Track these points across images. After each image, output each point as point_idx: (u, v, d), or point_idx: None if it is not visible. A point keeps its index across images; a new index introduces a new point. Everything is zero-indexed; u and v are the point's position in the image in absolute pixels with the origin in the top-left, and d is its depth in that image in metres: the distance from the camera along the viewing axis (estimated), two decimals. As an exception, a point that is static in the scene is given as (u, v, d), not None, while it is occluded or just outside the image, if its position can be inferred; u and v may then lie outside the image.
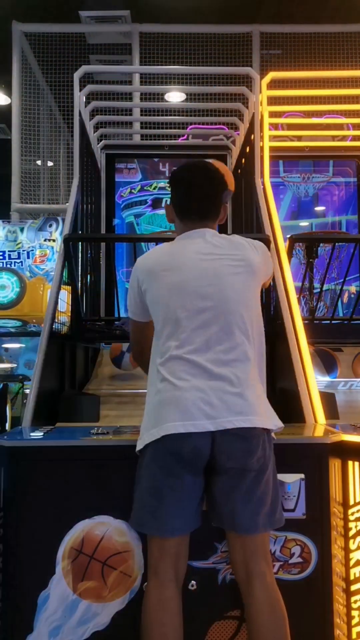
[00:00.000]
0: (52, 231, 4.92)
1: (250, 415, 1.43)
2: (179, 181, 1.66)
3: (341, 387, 2.78)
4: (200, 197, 1.63)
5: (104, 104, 4.02)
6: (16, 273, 4.81)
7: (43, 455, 1.62)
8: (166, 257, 1.60)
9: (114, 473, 1.60)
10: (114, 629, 1.57)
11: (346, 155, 4.66)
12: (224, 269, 1.54)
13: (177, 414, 1.42)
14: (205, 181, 1.64)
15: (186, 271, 1.54)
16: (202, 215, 1.64)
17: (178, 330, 1.50)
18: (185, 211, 1.64)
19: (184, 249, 1.59)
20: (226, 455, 1.43)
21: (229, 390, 1.44)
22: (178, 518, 1.44)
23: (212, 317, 1.49)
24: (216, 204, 1.65)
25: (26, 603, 1.57)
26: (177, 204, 1.66)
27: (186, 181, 1.65)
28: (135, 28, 5.90)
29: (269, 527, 1.48)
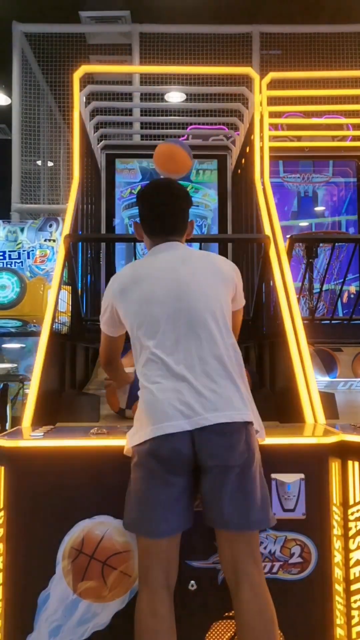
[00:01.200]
0: (52, 231, 4.93)
1: (226, 410, 1.44)
2: (145, 200, 1.71)
3: (341, 387, 2.78)
4: (165, 215, 1.68)
5: (104, 104, 4.03)
6: (16, 273, 4.82)
7: (43, 455, 1.62)
8: (137, 270, 1.67)
9: (114, 473, 1.60)
10: (114, 629, 1.57)
11: (346, 155, 4.66)
12: (191, 276, 1.58)
13: (155, 417, 1.45)
14: (170, 199, 1.68)
15: (154, 279, 1.59)
16: (169, 231, 1.68)
17: (150, 337, 1.53)
18: (153, 228, 1.70)
19: (154, 261, 1.65)
20: (207, 453, 1.43)
21: (203, 389, 1.45)
22: (165, 520, 1.44)
23: (181, 321, 1.52)
24: (182, 221, 1.70)
25: (26, 603, 1.57)
26: (145, 222, 1.71)
27: (151, 199, 1.71)
28: (135, 28, 5.90)
29: (260, 524, 1.47)
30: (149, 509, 1.44)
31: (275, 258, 2.60)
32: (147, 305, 1.57)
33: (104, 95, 4.72)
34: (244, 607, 1.42)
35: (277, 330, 2.44)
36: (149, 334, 1.54)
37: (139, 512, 1.46)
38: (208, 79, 4.47)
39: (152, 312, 1.55)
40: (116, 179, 4.29)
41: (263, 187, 3.05)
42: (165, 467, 1.43)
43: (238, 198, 3.89)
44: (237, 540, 1.45)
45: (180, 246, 1.68)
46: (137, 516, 1.46)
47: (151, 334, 1.54)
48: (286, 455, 1.60)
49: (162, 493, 1.44)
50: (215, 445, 1.42)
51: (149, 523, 1.44)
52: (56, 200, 6.01)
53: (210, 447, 1.42)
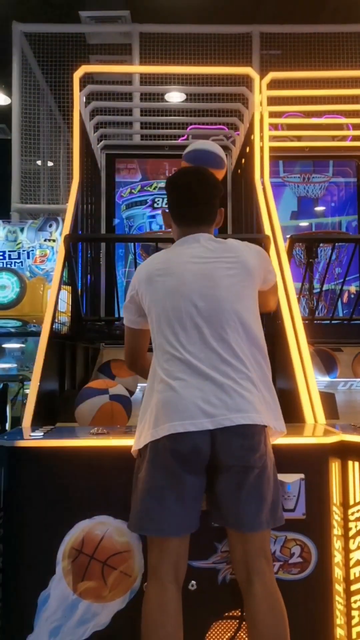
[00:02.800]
0: (52, 231, 4.92)
1: (249, 412, 1.43)
2: (174, 187, 1.68)
3: (341, 387, 2.78)
4: (195, 203, 1.65)
5: (104, 104, 4.03)
6: (16, 273, 4.81)
7: (43, 455, 1.62)
8: (162, 263, 1.63)
9: (114, 473, 1.60)
10: (114, 629, 1.57)
11: (346, 155, 4.66)
12: (217, 271, 1.56)
13: (176, 414, 1.43)
14: (200, 187, 1.65)
15: (180, 275, 1.56)
16: (198, 220, 1.65)
17: (174, 332, 1.51)
18: (181, 217, 1.67)
19: (180, 254, 1.61)
20: (228, 453, 1.42)
21: (227, 389, 1.44)
22: (180, 518, 1.44)
23: (207, 318, 1.51)
24: (212, 209, 1.67)
25: (26, 603, 1.57)
26: (173, 210, 1.68)
27: (181, 187, 1.67)
28: (135, 28, 5.90)
29: (271, 524, 1.48)
30: (162, 506, 1.43)
31: (275, 258, 2.60)
32: (172, 299, 1.54)
33: (104, 95, 4.71)
34: (256, 604, 1.43)
35: (277, 331, 2.44)
36: (172, 329, 1.52)
37: (150, 510, 1.44)
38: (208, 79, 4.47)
39: (177, 306, 1.53)
40: (116, 179, 4.29)
41: (263, 187, 3.05)
42: (182, 465, 1.42)
43: (238, 198, 3.89)
44: (250, 540, 1.46)
45: (206, 238, 1.63)
46: (147, 515, 1.44)
47: (175, 329, 1.51)
48: (286, 455, 1.60)
49: (177, 490, 1.43)
50: (237, 446, 1.42)
51: (162, 521, 1.43)
52: (56, 200, 6.01)
53: (231, 447, 1.42)
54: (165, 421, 1.43)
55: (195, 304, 1.52)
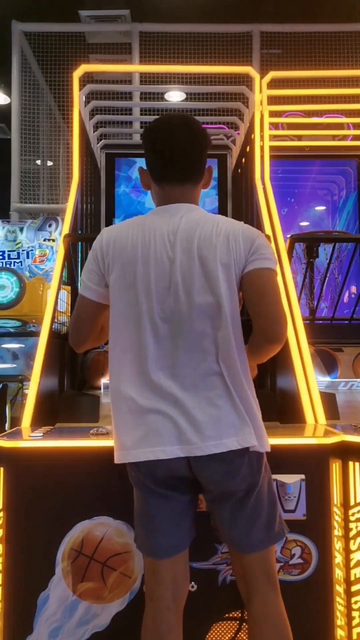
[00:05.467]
0: (52, 231, 4.92)
1: (224, 437, 1.27)
2: (153, 136, 1.38)
3: (341, 387, 2.77)
4: (179, 153, 1.36)
5: (104, 103, 4.02)
6: (16, 273, 4.81)
7: (42, 456, 1.62)
8: (137, 238, 1.36)
9: (114, 473, 1.60)
10: (114, 630, 1.57)
11: (346, 155, 4.65)
12: (194, 267, 1.32)
13: (144, 436, 1.30)
14: (186, 136, 1.36)
15: (152, 266, 1.33)
16: (182, 177, 1.38)
17: (134, 328, 1.33)
18: (162, 173, 1.38)
19: (155, 232, 1.35)
20: (205, 479, 1.32)
21: (197, 412, 1.29)
22: (169, 538, 1.35)
23: (175, 316, 1.31)
24: (198, 163, 1.39)
25: (26, 604, 1.57)
26: (153, 165, 1.40)
27: (162, 135, 1.37)
28: (135, 27, 5.89)
29: (267, 543, 1.36)
30: (151, 527, 1.35)
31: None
32: (133, 288, 1.33)
33: (103, 95, 4.71)
34: (255, 624, 1.35)
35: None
36: (133, 326, 1.33)
37: (142, 532, 1.37)
38: (208, 78, 4.47)
39: (138, 298, 1.32)
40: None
41: (263, 186, 3.04)
42: (163, 487, 1.32)
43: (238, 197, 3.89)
44: (248, 559, 1.36)
45: (190, 210, 1.38)
46: (140, 536, 1.38)
47: (136, 326, 1.32)
48: (287, 455, 1.60)
49: (163, 509, 1.34)
50: (214, 472, 1.30)
51: (152, 542, 1.35)
52: (55, 199, 6.00)
53: (208, 474, 1.31)
54: (135, 441, 1.31)
55: (161, 299, 1.33)
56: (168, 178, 1.39)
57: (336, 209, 5.18)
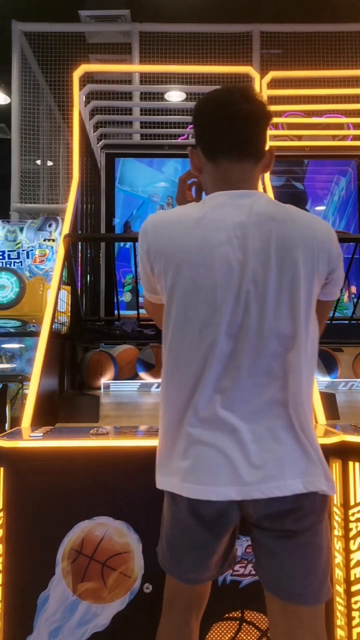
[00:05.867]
0: (52, 231, 4.92)
1: (288, 478, 1.11)
2: (211, 105, 1.22)
3: (342, 387, 2.77)
4: (241, 123, 1.18)
5: (104, 103, 4.02)
6: (16, 273, 4.81)
7: (42, 456, 1.62)
8: (195, 232, 1.15)
9: (114, 474, 1.60)
10: (114, 630, 1.57)
11: (346, 155, 4.65)
12: (270, 273, 1.12)
13: (194, 472, 1.14)
14: (248, 104, 1.18)
15: (217, 269, 1.12)
16: (243, 151, 1.19)
17: (197, 355, 1.14)
18: (219, 145, 1.20)
19: (218, 226, 1.15)
20: (260, 517, 1.16)
21: (258, 448, 1.12)
22: (198, 574, 1.23)
23: (244, 345, 1.13)
24: (262, 139, 1.21)
25: (26, 604, 1.57)
26: (208, 139, 1.22)
27: (222, 101, 1.20)
28: (135, 27, 5.89)
29: (320, 598, 1.17)
30: (182, 558, 1.22)
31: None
32: (194, 296, 1.14)
33: (103, 95, 4.71)
34: None
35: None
36: (190, 339, 1.15)
37: (171, 556, 1.24)
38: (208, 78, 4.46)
39: (199, 309, 1.13)
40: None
41: (263, 186, 3.04)
42: (205, 527, 1.17)
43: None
44: (294, 612, 1.15)
45: (257, 198, 1.19)
46: (168, 558, 1.26)
47: (193, 340, 1.14)
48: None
49: (198, 549, 1.19)
50: (271, 514, 1.14)
51: (181, 570, 1.23)
52: (55, 199, 6.00)
53: (263, 513, 1.14)
54: (182, 477, 1.15)
55: (231, 319, 1.15)
56: (226, 152, 1.19)
57: (336, 209, 5.17)
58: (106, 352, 2.80)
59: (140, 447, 1.61)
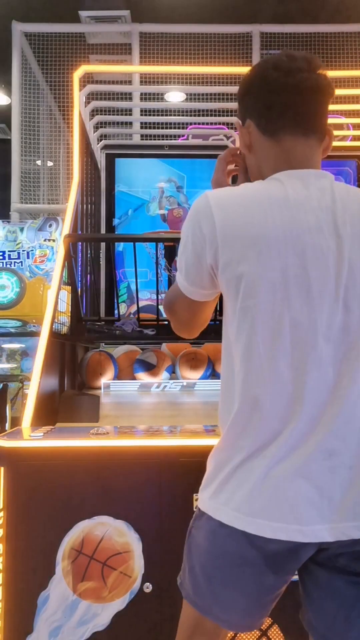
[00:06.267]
0: (52, 231, 4.92)
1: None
2: (273, 74, 1.01)
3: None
4: (307, 94, 1.00)
5: (104, 103, 4.02)
6: (16, 273, 4.81)
7: (43, 456, 1.62)
8: (279, 214, 0.95)
9: (114, 473, 1.60)
10: (114, 630, 1.57)
11: (346, 155, 4.66)
12: (353, 243, 0.95)
13: (273, 507, 0.94)
14: (317, 76, 1.01)
15: (310, 259, 0.94)
16: (308, 125, 1.02)
17: (287, 365, 0.95)
18: (283, 120, 1.01)
19: (305, 208, 0.96)
20: (349, 558, 0.95)
21: (356, 475, 0.94)
22: (243, 618, 1.03)
23: (347, 349, 0.95)
24: (326, 117, 1.05)
25: (26, 603, 1.57)
26: (267, 111, 1.03)
27: (287, 72, 1.00)
28: (135, 28, 5.90)
29: None
30: (227, 597, 1.01)
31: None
32: (282, 291, 0.94)
33: (103, 95, 4.72)
34: None
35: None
36: (278, 346, 0.95)
37: (210, 592, 1.02)
38: (208, 78, 4.47)
39: (290, 306, 0.94)
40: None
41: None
42: (269, 564, 0.96)
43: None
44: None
45: (333, 179, 1.02)
46: (203, 593, 1.03)
47: (282, 347, 0.95)
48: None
49: (252, 587, 0.99)
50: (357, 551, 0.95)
51: (223, 611, 1.02)
52: (56, 200, 6.01)
53: (349, 552, 0.95)
54: (254, 511, 0.95)
55: (322, 300, 0.96)
56: (290, 127, 1.02)
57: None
58: (106, 352, 2.81)
59: (140, 447, 1.62)
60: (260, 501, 0.95)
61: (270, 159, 1.05)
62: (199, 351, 2.84)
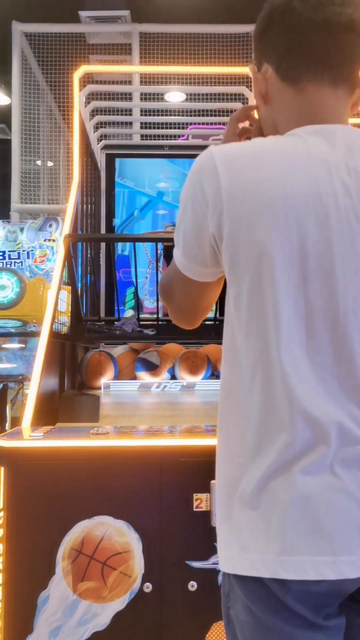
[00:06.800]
0: (52, 231, 4.92)
1: None
2: (296, 6, 0.84)
3: None
4: (340, 38, 0.82)
5: (104, 104, 4.03)
6: (16, 273, 4.82)
7: (43, 456, 1.62)
8: (298, 174, 0.78)
9: (114, 473, 1.60)
10: (114, 630, 1.57)
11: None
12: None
13: (311, 536, 0.73)
14: (352, 12, 0.82)
15: (335, 229, 0.77)
16: (339, 73, 0.84)
17: (304, 357, 0.77)
18: (306, 64, 0.84)
19: (329, 168, 0.78)
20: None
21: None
22: None
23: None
24: (357, 60, 0.85)
25: (26, 603, 1.57)
26: (288, 52, 0.85)
27: (314, 4, 0.82)
28: (135, 28, 5.90)
29: None
30: None
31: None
32: (298, 268, 0.77)
33: (103, 95, 4.72)
34: None
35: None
36: (293, 333, 0.77)
37: None
38: (208, 78, 4.47)
39: (308, 286, 0.77)
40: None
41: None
42: (316, 611, 0.74)
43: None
44: None
45: (357, 135, 0.83)
46: None
47: (298, 334, 0.77)
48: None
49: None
50: None
51: None
52: (56, 200, 6.01)
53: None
54: (291, 549, 0.73)
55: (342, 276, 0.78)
56: (316, 72, 0.84)
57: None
58: (106, 352, 2.81)
59: (140, 447, 1.62)
60: (294, 530, 0.75)
61: (291, 112, 0.86)
62: (199, 352, 2.83)
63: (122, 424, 2.10)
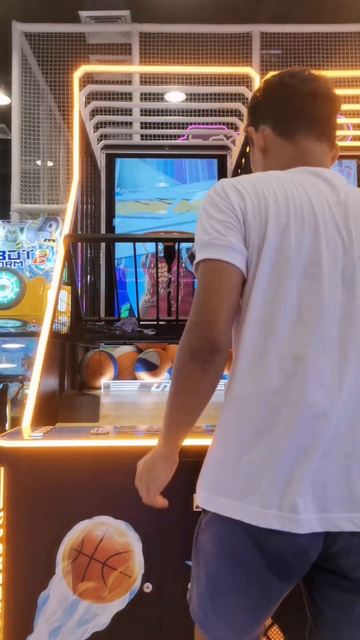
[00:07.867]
0: (52, 231, 4.92)
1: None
2: (290, 81, 1.11)
3: None
4: (322, 99, 1.09)
5: (104, 104, 4.03)
6: (16, 273, 4.82)
7: (43, 456, 1.62)
8: (300, 195, 1.00)
9: (114, 473, 1.60)
10: (114, 630, 1.57)
11: (346, 155, 4.66)
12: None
13: (268, 494, 0.91)
14: (329, 88, 1.11)
15: (324, 245, 0.97)
16: (323, 132, 1.10)
17: (297, 340, 0.95)
18: (299, 123, 1.09)
19: (322, 196, 1.01)
20: (350, 561, 0.94)
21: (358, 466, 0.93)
22: (247, 628, 0.99)
23: (349, 330, 0.96)
24: (336, 127, 1.13)
25: (26, 603, 1.57)
26: (286, 114, 1.10)
27: (303, 80, 1.10)
28: (135, 28, 5.90)
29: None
30: (223, 608, 0.98)
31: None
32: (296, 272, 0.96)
33: (103, 95, 4.72)
34: None
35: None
36: (288, 322, 0.95)
37: (210, 607, 1.00)
38: (208, 78, 4.47)
39: (314, 287, 0.96)
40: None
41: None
42: (273, 568, 0.93)
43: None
44: None
45: (343, 181, 1.07)
46: (201, 608, 1.02)
47: (289, 322, 0.95)
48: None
49: (252, 596, 0.96)
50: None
51: (217, 626, 1.01)
52: (56, 200, 6.01)
53: (356, 555, 0.93)
54: (251, 494, 0.92)
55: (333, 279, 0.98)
56: (307, 129, 1.09)
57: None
58: (106, 352, 2.81)
59: (140, 447, 1.61)
60: (257, 482, 0.95)
61: (286, 160, 1.11)
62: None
63: (122, 424, 2.10)
